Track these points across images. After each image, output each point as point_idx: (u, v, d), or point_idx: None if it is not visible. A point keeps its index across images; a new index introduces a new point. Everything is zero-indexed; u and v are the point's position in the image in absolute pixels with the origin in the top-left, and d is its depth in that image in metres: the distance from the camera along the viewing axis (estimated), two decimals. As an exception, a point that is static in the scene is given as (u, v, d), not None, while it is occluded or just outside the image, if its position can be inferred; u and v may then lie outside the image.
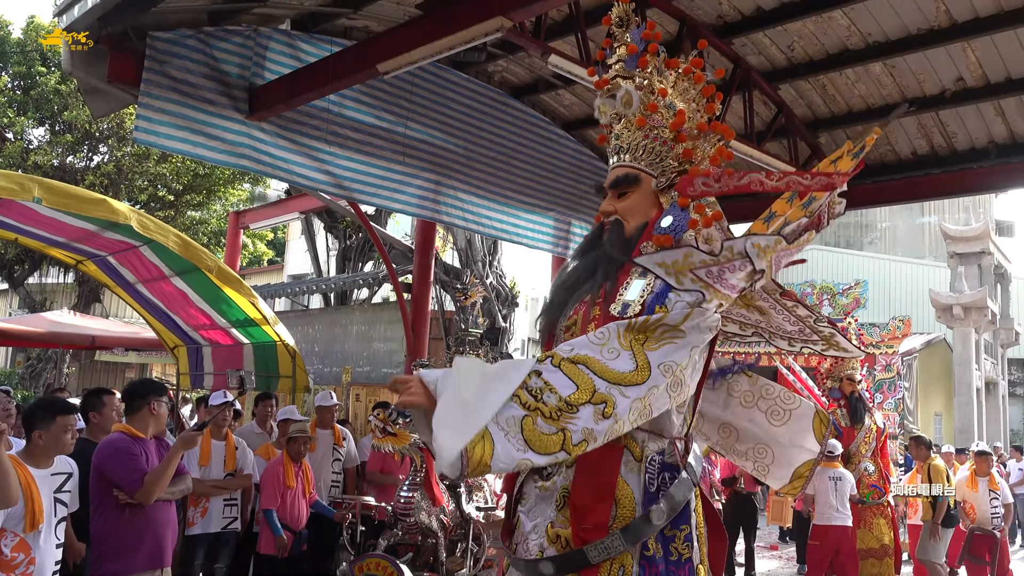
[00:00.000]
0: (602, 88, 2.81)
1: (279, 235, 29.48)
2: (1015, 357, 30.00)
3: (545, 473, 2.49)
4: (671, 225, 2.61)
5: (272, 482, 5.78)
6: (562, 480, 2.45)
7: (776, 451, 3.18)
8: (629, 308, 2.44)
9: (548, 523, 2.43)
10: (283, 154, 6.98)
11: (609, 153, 2.86)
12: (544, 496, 2.48)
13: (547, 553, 2.40)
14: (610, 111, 2.80)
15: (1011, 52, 7.05)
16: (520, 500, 2.56)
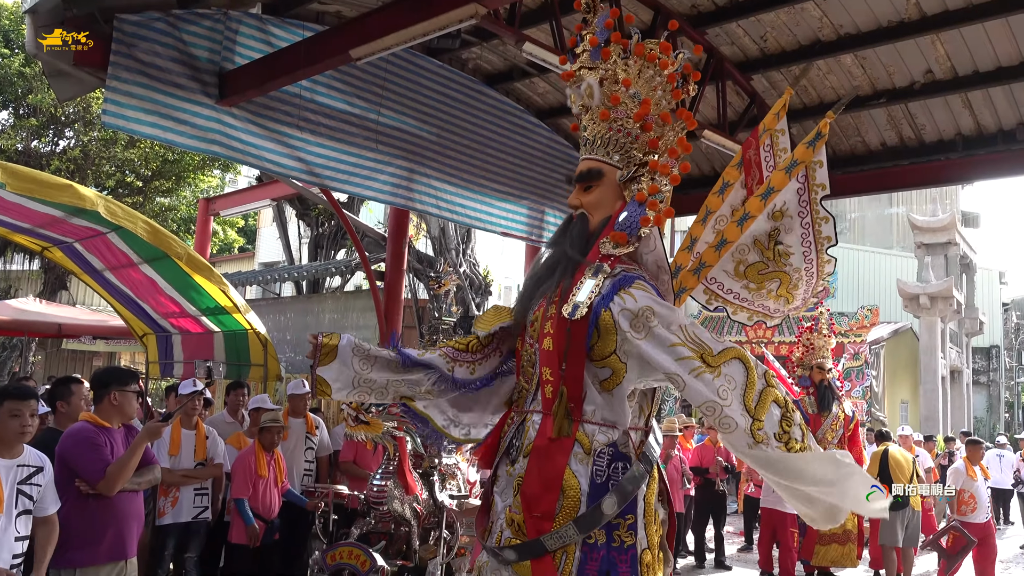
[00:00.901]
0: (568, 80, 2.85)
1: (250, 222, 29.19)
2: (979, 346, 30.60)
3: (510, 459, 2.69)
4: (625, 221, 2.70)
5: (244, 471, 5.74)
6: (519, 469, 2.62)
7: None
8: (577, 311, 2.55)
9: (507, 507, 2.63)
10: (254, 140, 6.89)
11: (580, 143, 2.89)
12: (508, 480, 2.67)
13: (506, 535, 2.60)
14: (578, 102, 2.84)
15: (979, 46, 7.14)
16: (495, 481, 2.75)
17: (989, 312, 30.22)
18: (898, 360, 22.56)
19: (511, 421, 2.80)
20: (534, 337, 2.72)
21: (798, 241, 3.15)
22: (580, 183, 2.80)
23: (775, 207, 3.07)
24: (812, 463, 2.50)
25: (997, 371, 33.39)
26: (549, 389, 2.62)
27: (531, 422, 2.67)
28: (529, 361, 2.75)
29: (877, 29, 7.18)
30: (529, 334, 2.76)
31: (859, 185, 9.43)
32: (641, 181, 2.77)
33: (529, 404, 2.72)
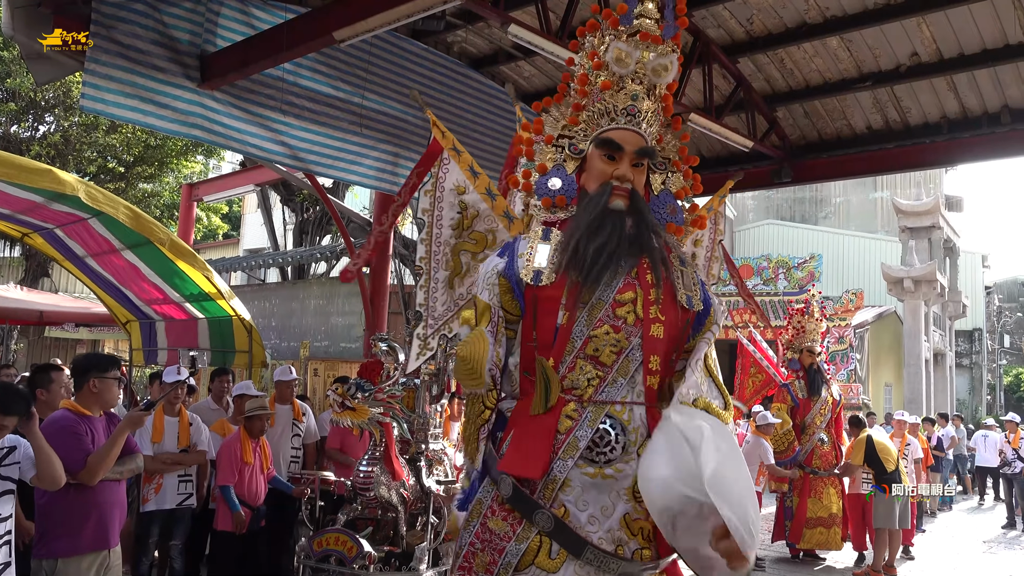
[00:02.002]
0: (647, 40, 2.53)
1: (234, 209, 28.99)
2: (962, 329, 30.86)
3: (601, 460, 2.33)
4: (679, 218, 2.70)
5: (229, 458, 5.70)
6: (634, 469, 2.33)
7: None
8: (693, 300, 2.50)
9: (623, 515, 2.34)
10: (236, 124, 6.82)
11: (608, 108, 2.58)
12: (600, 484, 2.33)
13: (629, 547, 2.32)
14: (634, 66, 2.54)
15: (964, 28, 7.15)
16: (563, 488, 2.34)
17: (972, 295, 30.46)
18: (882, 343, 22.72)
19: (575, 414, 2.35)
20: (627, 320, 2.38)
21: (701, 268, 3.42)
22: (637, 156, 2.55)
23: (696, 236, 3.33)
24: None
25: (980, 354, 33.71)
26: (656, 380, 2.40)
27: (631, 414, 2.37)
28: (612, 346, 2.36)
29: (863, 11, 7.17)
30: (608, 314, 2.38)
31: (845, 169, 9.46)
32: (671, 178, 2.72)
33: (614, 394, 2.37)
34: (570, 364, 2.37)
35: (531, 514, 2.32)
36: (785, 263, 18.28)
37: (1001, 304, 40.18)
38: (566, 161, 2.65)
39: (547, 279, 2.42)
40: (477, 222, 2.99)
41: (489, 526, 2.37)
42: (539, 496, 2.33)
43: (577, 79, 2.68)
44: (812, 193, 32.58)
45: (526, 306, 2.45)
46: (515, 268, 2.47)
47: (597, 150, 2.57)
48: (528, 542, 2.31)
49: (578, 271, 2.38)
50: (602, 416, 2.35)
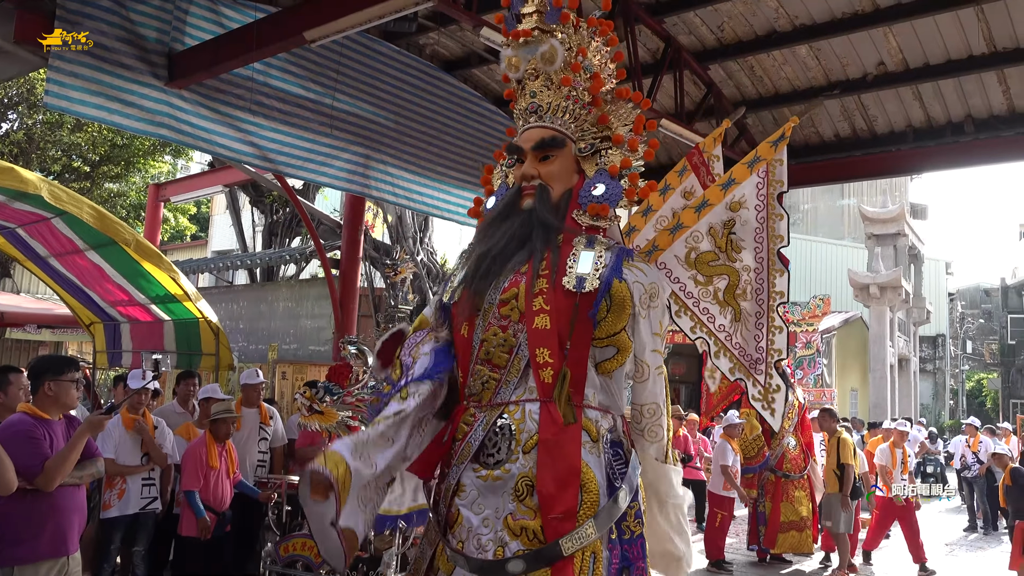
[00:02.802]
0: (519, 38, 2.57)
1: (203, 210, 28.64)
2: (925, 335, 31.36)
3: (491, 462, 2.32)
4: (606, 194, 2.56)
5: (194, 463, 5.61)
6: (519, 468, 2.30)
7: None
8: (585, 282, 2.37)
9: (506, 515, 2.29)
10: (205, 124, 6.72)
11: (520, 112, 2.65)
12: (492, 486, 2.32)
13: (510, 548, 2.26)
14: (524, 65, 2.59)
15: (929, 39, 7.27)
16: (457, 493, 2.36)
17: (936, 302, 30.97)
18: (848, 348, 23.02)
19: (471, 419, 2.38)
20: (512, 317, 2.37)
21: (751, 236, 3.06)
22: (537, 151, 2.57)
23: (734, 198, 3.03)
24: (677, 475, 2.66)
25: (943, 359, 34.30)
26: (548, 373, 2.33)
27: (523, 413, 2.34)
28: (500, 346, 2.37)
29: (831, 20, 7.27)
30: (495, 316, 2.39)
31: (813, 175, 9.57)
32: (607, 155, 2.64)
33: (507, 394, 2.36)
34: (471, 371, 2.42)
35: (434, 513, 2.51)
36: (754, 268, 18.45)
37: (964, 310, 40.91)
38: (507, 177, 2.71)
39: (457, 295, 2.52)
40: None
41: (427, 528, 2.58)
42: (441, 500, 2.43)
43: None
44: (781, 200, 32.92)
45: (452, 325, 2.56)
46: (443, 289, 2.63)
47: (509, 159, 2.67)
48: (435, 546, 2.45)
49: (467, 280, 2.48)
50: (495, 419, 2.36)
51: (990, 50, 7.22)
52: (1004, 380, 38.31)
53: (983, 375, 40.83)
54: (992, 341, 41.19)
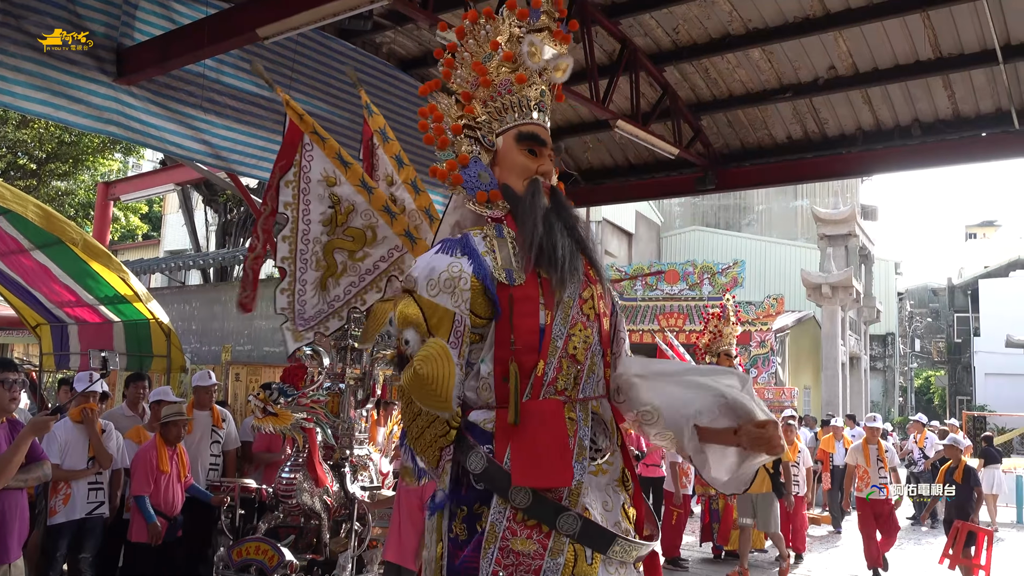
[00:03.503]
0: (558, 39, 2.54)
1: (155, 209, 28.11)
2: (876, 333, 32.06)
3: (599, 456, 2.36)
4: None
5: (144, 467, 5.50)
6: (619, 460, 2.43)
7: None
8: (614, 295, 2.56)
9: (621, 505, 2.37)
10: (155, 121, 6.60)
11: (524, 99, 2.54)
12: (598, 481, 2.34)
13: (633, 535, 2.35)
14: (542, 60, 2.52)
15: (878, 44, 7.43)
16: (580, 492, 2.25)
17: (885, 301, 31.66)
18: (801, 347, 23.41)
19: (574, 417, 2.29)
20: (590, 317, 2.37)
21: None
22: (553, 152, 2.56)
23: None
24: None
25: (892, 357, 35.09)
26: (608, 372, 2.44)
27: (603, 409, 2.41)
28: (584, 343, 2.33)
29: (784, 24, 7.38)
30: (578, 311, 2.35)
31: (766, 177, 9.72)
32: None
33: (589, 390, 2.35)
34: (556, 365, 2.28)
35: (555, 520, 2.18)
36: (710, 268, 18.66)
37: (912, 309, 41.95)
38: (481, 153, 2.56)
39: (519, 278, 2.31)
40: (353, 217, 2.73)
41: (514, 548, 2.17)
42: (566, 503, 2.22)
43: (472, 66, 2.58)
44: (736, 201, 33.43)
45: (502, 307, 2.29)
46: (486, 267, 2.30)
47: (517, 144, 2.51)
48: (564, 554, 2.17)
49: (550, 270, 2.32)
50: (590, 413, 2.34)
51: (936, 55, 7.40)
52: (951, 377, 39.37)
53: (931, 372, 41.90)
54: (939, 339, 42.33)
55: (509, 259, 2.34)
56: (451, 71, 2.64)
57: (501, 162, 2.53)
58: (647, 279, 18.36)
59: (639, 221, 28.46)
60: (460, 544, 2.23)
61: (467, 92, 2.59)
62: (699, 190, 9.66)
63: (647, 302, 18.41)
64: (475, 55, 2.59)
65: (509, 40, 2.54)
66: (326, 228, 2.66)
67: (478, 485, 2.23)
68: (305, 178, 2.80)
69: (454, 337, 2.24)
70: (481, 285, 2.27)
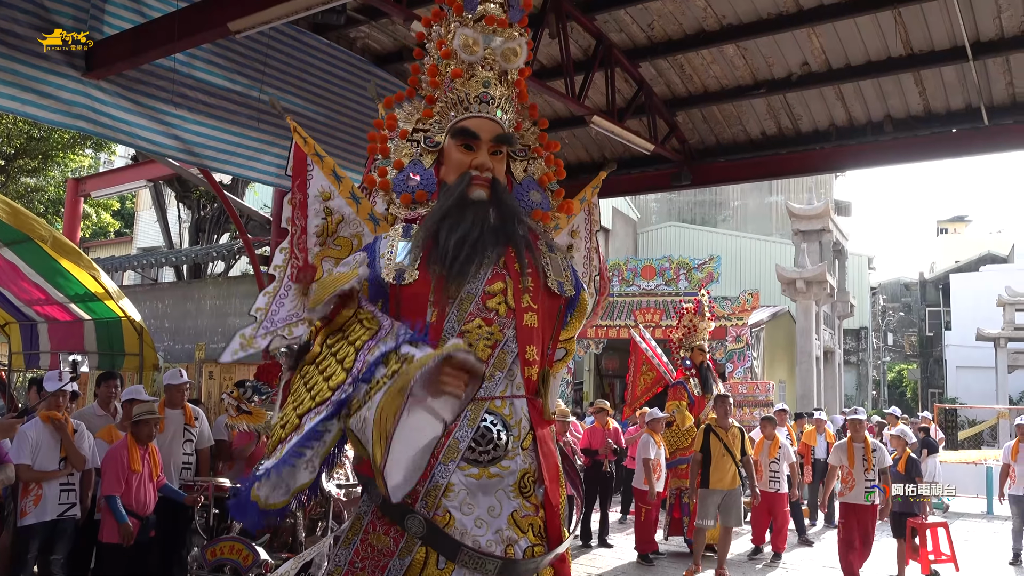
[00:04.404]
0: (491, 24, 2.50)
1: (127, 205, 27.77)
2: (849, 328, 32.41)
3: (484, 459, 2.24)
4: (542, 203, 2.67)
5: (115, 466, 5.42)
6: (519, 464, 2.29)
7: None
8: (564, 286, 2.49)
9: (511, 513, 2.25)
10: (126, 116, 6.50)
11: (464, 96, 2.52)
12: (485, 485, 2.24)
13: (520, 545, 2.24)
14: (480, 51, 2.50)
15: (851, 40, 7.49)
16: (445, 494, 2.22)
17: (859, 296, 32.01)
18: (776, 342, 23.62)
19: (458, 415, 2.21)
20: (499, 312, 2.32)
21: (581, 261, 3.19)
22: (492, 144, 2.49)
23: (573, 226, 3.14)
24: None
25: (866, 351, 35.50)
26: (534, 371, 2.36)
27: (512, 408, 2.30)
28: (485, 340, 2.28)
29: (757, 21, 7.42)
30: (479, 307, 2.31)
31: (740, 172, 9.77)
32: (533, 163, 2.73)
33: (492, 389, 2.28)
34: None
35: (403, 520, 2.17)
36: (686, 264, 18.77)
37: (885, 304, 42.45)
38: (423, 155, 2.57)
39: (410, 277, 2.30)
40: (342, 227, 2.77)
41: (371, 542, 2.21)
42: (421, 505, 2.18)
43: (427, 70, 2.61)
44: (711, 196, 33.63)
45: (390, 307, 2.31)
46: (377, 268, 2.34)
47: (453, 140, 2.51)
48: (412, 555, 2.17)
49: (441, 264, 2.29)
50: (482, 414, 2.26)
51: (907, 52, 7.48)
52: (923, 371, 39.93)
53: (903, 366, 42.47)
54: (911, 333, 42.90)
55: (405, 258, 2.34)
56: (417, 78, 2.69)
57: (445, 160, 2.55)
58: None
59: (616, 217, 28.54)
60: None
61: (430, 96, 2.61)
62: (675, 186, 9.69)
63: (624, 297, 18.48)
64: (432, 58, 2.63)
65: (450, 36, 2.54)
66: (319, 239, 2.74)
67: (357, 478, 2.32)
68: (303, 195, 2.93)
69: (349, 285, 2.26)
70: (368, 286, 2.33)
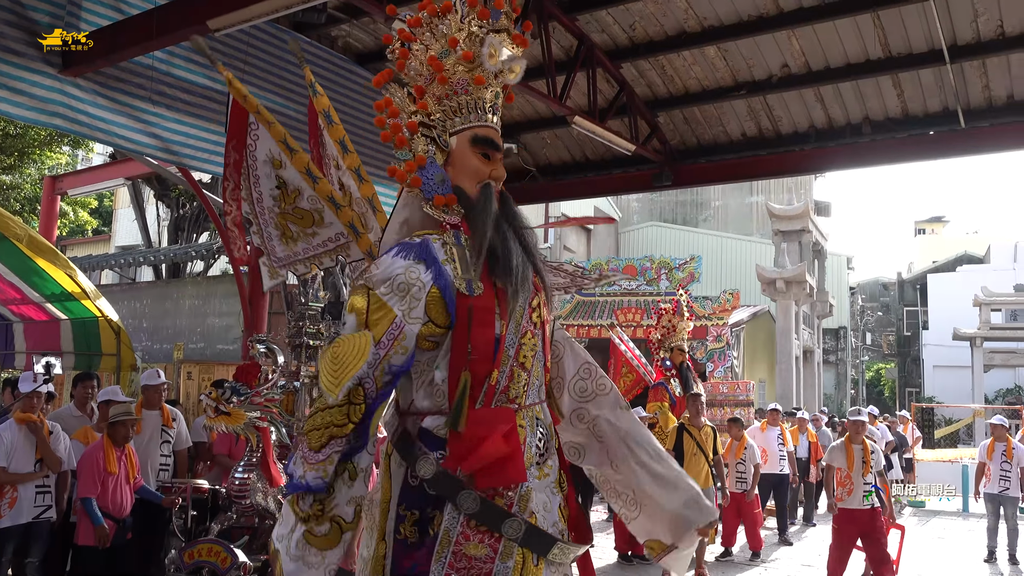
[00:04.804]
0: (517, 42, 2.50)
1: (106, 203, 27.49)
2: (828, 327, 32.68)
3: (542, 461, 2.38)
4: None
5: (91, 468, 5.37)
6: (556, 463, 2.46)
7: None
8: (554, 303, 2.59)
9: (558, 507, 2.41)
10: (103, 114, 6.43)
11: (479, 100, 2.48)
12: (541, 484, 2.37)
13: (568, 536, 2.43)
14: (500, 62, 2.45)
15: (830, 42, 7.54)
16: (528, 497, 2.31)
17: (838, 296, 32.27)
18: (757, 341, 23.77)
19: (524, 424, 2.36)
20: (537, 324, 2.41)
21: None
22: (504, 156, 2.52)
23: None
24: None
25: (844, 351, 35.80)
26: (548, 377, 2.52)
27: (544, 414, 2.45)
28: (532, 350, 2.38)
29: (738, 22, 7.45)
30: (528, 320, 2.38)
31: (721, 173, 9.82)
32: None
33: (533, 397, 2.41)
34: (508, 374, 2.31)
35: (500, 524, 2.22)
36: (667, 264, 18.83)
37: (864, 304, 42.84)
38: (436, 153, 2.48)
39: (477, 289, 2.29)
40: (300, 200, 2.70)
41: (466, 552, 2.20)
42: (516, 509, 2.26)
43: (427, 60, 2.47)
44: (693, 197, 33.81)
45: (460, 317, 2.27)
46: (447, 277, 2.28)
47: (473, 147, 2.45)
48: (514, 557, 2.22)
49: (506, 280, 2.32)
50: (534, 419, 2.39)
51: (886, 55, 7.54)
52: (900, 370, 40.31)
53: (881, 365, 42.89)
54: (890, 333, 43.31)
55: (468, 268, 2.31)
56: (404, 62, 2.55)
57: (454, 163, 2.46)
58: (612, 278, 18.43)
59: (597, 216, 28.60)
60: (409, 547, 2.22)
61: (420, 87, 2.51)
62: (656, 186, 9.72)
63: (604, 297, 18.51)
64: (430, 48, 2.49)
65: (469, 38, 2.45)
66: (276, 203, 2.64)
67: (431, 491, 2.22)
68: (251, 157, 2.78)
69: (386, 338, 2.17)
70: (440, 295, 2.25)
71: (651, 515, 2.68)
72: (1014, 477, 9.68)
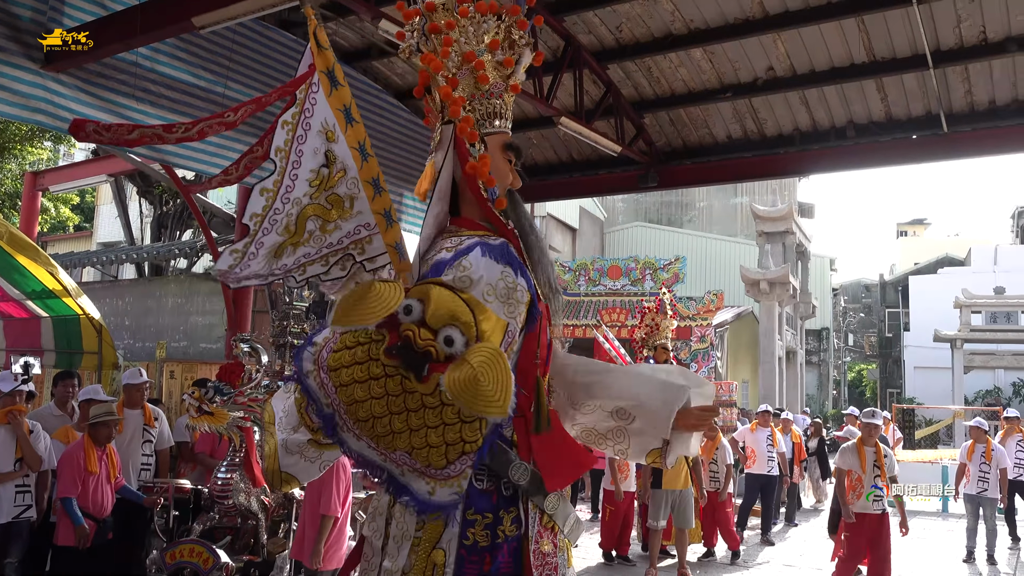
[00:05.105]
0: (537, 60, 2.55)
1: (88, 199, 27.25)
2: (811, 328, 32.90)
3: None
4: None
5: (71, 468, 5.32)
6: None
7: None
8: None
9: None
10: (85, 110, 6.36)
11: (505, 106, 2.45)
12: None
13: None
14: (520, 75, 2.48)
15: (815, 46, 7.59)
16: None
17: (821, 297, 32.49)
18: (740, 342, 23.89)
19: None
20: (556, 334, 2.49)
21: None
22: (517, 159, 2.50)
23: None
24: None
25: (827, 351, 36.06)
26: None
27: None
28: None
29: (724, 25, 7.48)
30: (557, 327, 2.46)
31: (706, 175, 9.86)
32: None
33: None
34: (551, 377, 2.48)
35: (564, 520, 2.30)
36: (652, 264, 18.88)
37: (846, 305, 43.17)
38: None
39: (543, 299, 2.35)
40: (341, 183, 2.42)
41: (541, 550, 2.23)
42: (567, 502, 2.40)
43: (464, 56, 2.37)
44: (678, 197, 33.92)
45: (541, 322, 2.28)
46: (531, 281, 2.26)
47: (503, 152, 2.41)
48: (565, 552, 2.32)
49: (552, 293, 2.39)
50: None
51: (870, 59, 7.60)
52: (882, 370, 40.65)
53: (863, 366, 43.21)
54: (871, 334, 43.67)
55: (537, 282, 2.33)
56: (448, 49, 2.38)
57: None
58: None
59: (583, 217, 28.65)
60: (481, 551, 2.12)
61: (454, 79, 2.38)
62: (641, 187, 9.74)
63: (589, 297, 18.53)
64: (467, 43, 2.38)
65: (510, 45, 2.43)
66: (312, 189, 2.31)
67: (506, 492, 2.17)
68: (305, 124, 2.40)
69: (504, 346, 2.11)
70: (532, 300, 2.23)
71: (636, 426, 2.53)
72: (993, 479, 9.77)
